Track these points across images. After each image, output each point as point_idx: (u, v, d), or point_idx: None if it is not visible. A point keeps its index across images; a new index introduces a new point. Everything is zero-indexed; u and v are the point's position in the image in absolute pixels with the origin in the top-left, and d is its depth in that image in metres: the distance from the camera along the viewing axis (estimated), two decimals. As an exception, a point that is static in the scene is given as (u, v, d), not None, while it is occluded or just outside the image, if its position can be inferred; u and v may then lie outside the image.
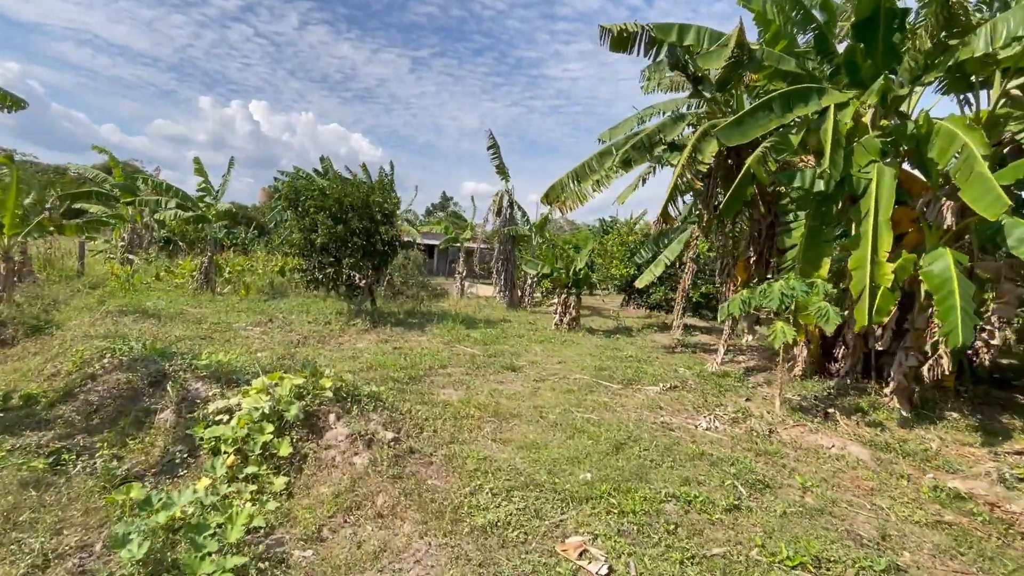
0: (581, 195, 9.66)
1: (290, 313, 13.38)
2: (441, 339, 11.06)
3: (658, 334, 14.11)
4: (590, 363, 9.38)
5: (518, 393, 7.14)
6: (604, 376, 8.34)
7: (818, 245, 7.01)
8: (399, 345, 10.18)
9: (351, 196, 11.42)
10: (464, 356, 9.41)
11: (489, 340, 11.09)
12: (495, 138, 16.08)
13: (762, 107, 6.32)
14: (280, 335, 10.49)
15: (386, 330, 11.69)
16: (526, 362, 9.27)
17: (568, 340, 11.95)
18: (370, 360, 8.52)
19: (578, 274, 12.86)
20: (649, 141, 8.02)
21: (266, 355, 8.54)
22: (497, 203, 17.23)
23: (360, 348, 9.70)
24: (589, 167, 9.26)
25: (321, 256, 11.36)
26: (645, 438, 5.41)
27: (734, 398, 7.36)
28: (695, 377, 8.64)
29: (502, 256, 17.77)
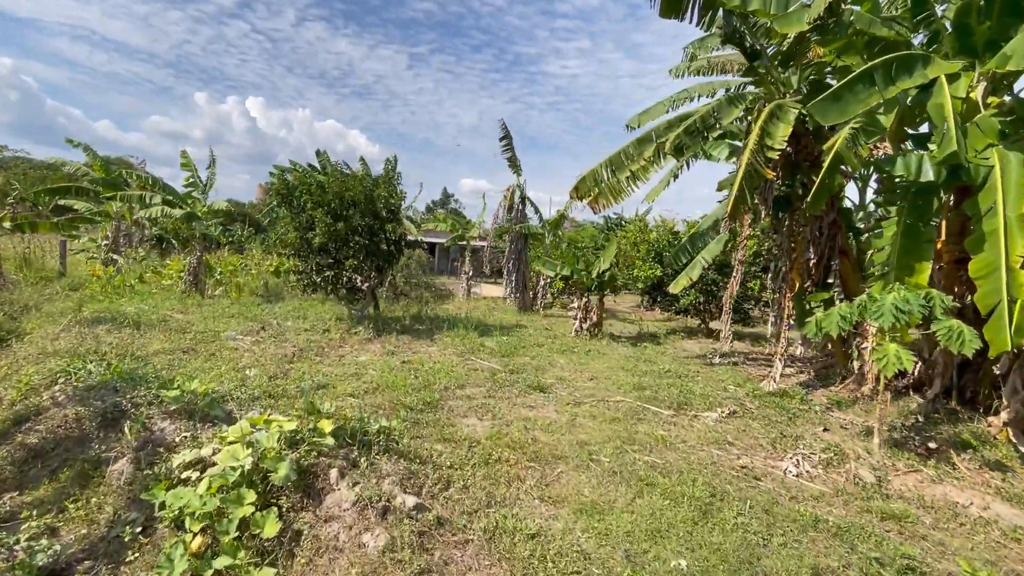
0: (616, 189, 8.48)
1: (285, 319, 12.20)
2: (454, 349, 9.90)
3: (687, 341, 12.97)
4: (625, 380, 8.23)
5: (554, 423, 5.99)
6: (647, 398, 7.19)
7: (916, 247, 5.87)
8: (407, 358, 9.02)
9: (353, 191, 10.23)
10: (482, 371, 8.25)
11: (507, 351, 9.94)
12: (508, 129, 14.89)
13: (862, 79, 5.17)
14: (273, 347, 9.32)
15: (391, 339, 10.53)
16: (553, 379, 8.12)
17: (593, 350, 10.80)
18: (376, 379, 7.36)
19: (602, 276, 11.70)
20: (704, 125, 6.87)
21: (255, 373, 7.39)
22: (509, 198, 16.04)
23: (364, 362, 8.53)
24: (626, 155, 8.08)
25: (319, 257, 10.19)
26: (732, 493, 4.26)
27: (810, 428, 6.23)
28: (751, 398, 7.50)
29: (513, 255, 16.60)
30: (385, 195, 10.50)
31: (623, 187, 8.78)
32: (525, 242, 16.67)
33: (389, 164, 11.10)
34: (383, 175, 10.91)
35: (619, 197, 8.89)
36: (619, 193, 8.84)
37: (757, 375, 9.29)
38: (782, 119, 6.39)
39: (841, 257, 8.10)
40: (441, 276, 34.50)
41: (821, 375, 9.27)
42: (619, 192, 8.83)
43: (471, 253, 21.29)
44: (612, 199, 8.90)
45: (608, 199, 8.89)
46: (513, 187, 16.21)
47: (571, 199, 8.55)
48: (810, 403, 7.30)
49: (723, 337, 8.37)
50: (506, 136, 14.98)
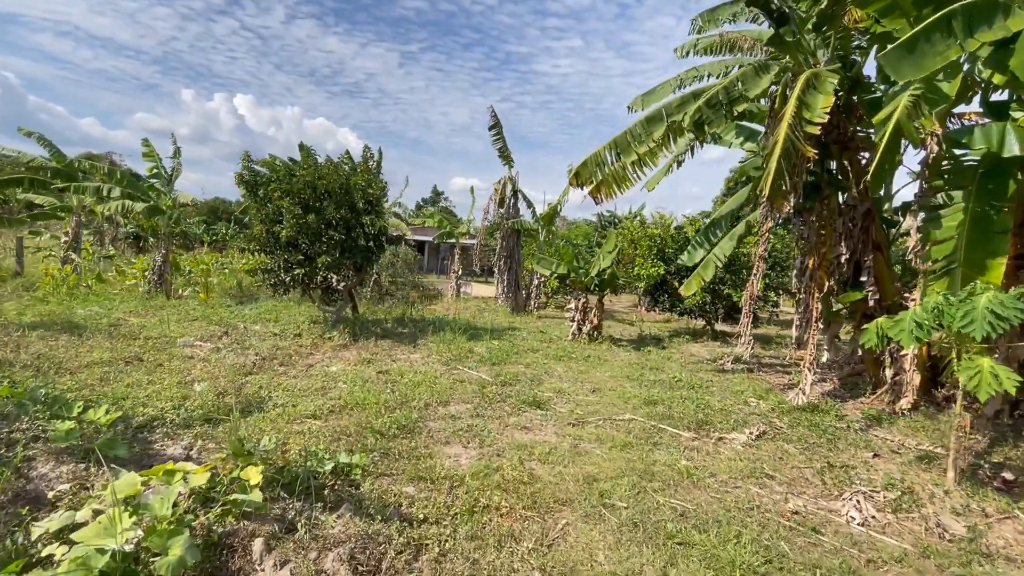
0: (620, 176, 7.48)
1: (254, 322, 11.10)
2: (439, 357, 8.86)
3: (693, 345, 12.03)
4: (633, 392, 7.24)
5: (554, 450, 4.98)
6: (661, 415, 6.20)
7: (987, 238, 4.95)
8: (386, 367, 7.97)
9: (326, 179, 9.15)
10: (470, 383, 7.22)
11: (498, 358, 8.91)
12: (498, 117, 13.84)
13: (939, 27, 4.21)
14: (233, 355, 8.23)
15: (369, 345, 9.46)
16: (551, 391, 7.11)
17: (593, 355, 9.81)
18: (345, 395, 6.31)
19: (602, 275, 10.71)
20: (727, 96, 5.90)
21: (202, 389, 6.30)
22: (500, 192, 15.00)
23: (334, 373, 7.47)
24: (633, 136, 7.08)
25: (287, 253, 9.09)
26: (791, 556, 3.27)
27: (856, 453, 5.27)
28: (778, 414, 6.54)
29: (505, 253, 15.57)
30: (363, 185, 9.42)
31: (628, 174, 7.79)
32: (518, 239, 15.65)
33: (368, 151, 10.03)
34: (361, 163, 9.84)
35: (623, 185, 7.90)
36: (623, 181, 7.85)
37: (777, 384, 8.35)
38: (820, 89, 5.43)
39: (875, 252, 7.17)
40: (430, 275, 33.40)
41: (847, 384, 8.35)
42: (623, 180, 7.84)
43: (461, 251, 20.24)
44: (615, 188, 7.91)
45: (611, 188, 7.90)
46: (504, 180, 15.16)
47: (570, 186, 7.54)
48: (847, 420, 6.35)
49: (743, 343, 7.42)
50: (496, 125, 13.95)
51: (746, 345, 7.41)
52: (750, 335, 7.39)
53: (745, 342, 7.41)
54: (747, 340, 7.39)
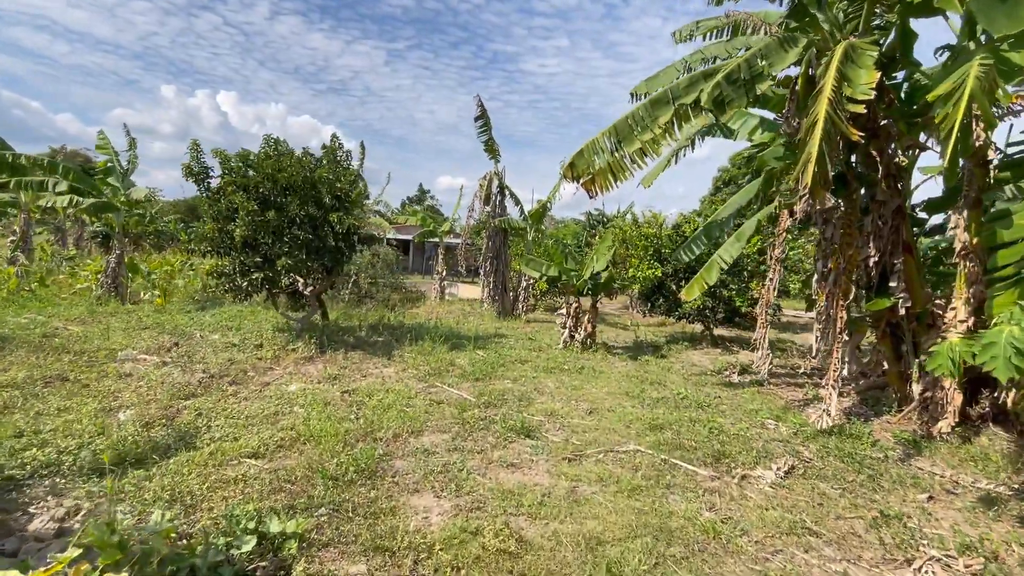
0: (620, 167, 6.59)
1: (214, 330, 10.03)
2: (415, 371, 7.90)
3: (693, 352, 11.21)
4: (635, 412, 6.36)
5: (548, 498, 4.07)
6: (670, 444, 5.32)
7: (1068, 239, 4.16)
8: (353, 385, 6.99)
9: (288, 171, 8.13)
10: (449, 405, 6.28)
11: (482, 371, 7.98)
12: (484, 107, 12.87)
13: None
14: (179, 371, 7.19)
15: (338, 357, 8.47)
16: (542, 414, 6.19)
17: (587, 367, 8.92)
18: (299, 424, 5.33)
19: (597, 278, 9.83)
20: (750, 72, 5.05)
21: (127, 418, 5.28)
22: (485, 188, 14.03)
23: (291, 394, 6.47)
24: (636, 121, 6.19)
25: (243, 255, 8.05)
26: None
27: (909, 495, 4.43)
28: (802, 439, 5.71)
29: (491, 253, 14.62)
30: (330, 178, 8.42)
31: (627, 164, 6.89)
32: (505, 238, 14.71)
33: (336, 141, 9.01)
34: (327, 153, 8.82)
35: (620, 177, 7.00)
36: (621, 172, 6.94)
37: (791, 399, 7.54)
38: (860, 63, 4.58)
39: (905, 255, 6.37)
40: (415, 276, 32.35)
41: (868, 399, 7.57)
42: (621, 171, 6.93)
43: (445, 251, 19.24)
44: (612, 180, 7.00)
45: (607, 180, 7.00)
46: (490, 175, 14.20)
47: (563, 179, 6.63)
48: (881, 447, 5.54)
49: (760, 357, 6.57)
50: (482, 116, 12.98)
51: (763, 359, 6.57)
52: (767, 349, 6.55)
53: (762, 356, 6.57)
54: (764, 354, 6.55)
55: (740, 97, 5.16)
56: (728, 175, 45.44)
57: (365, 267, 17.04)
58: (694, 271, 12.18)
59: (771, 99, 7.12)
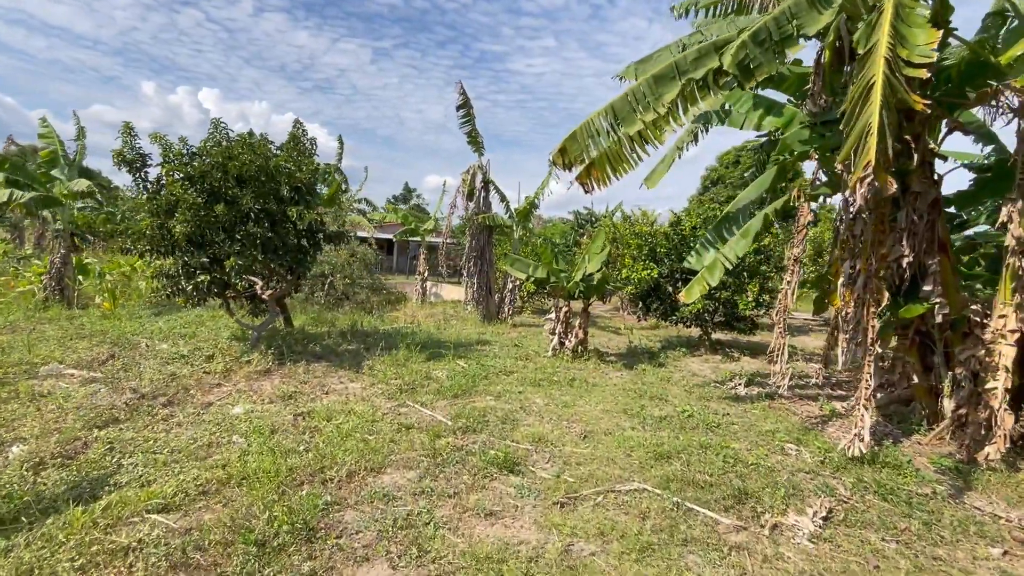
0: (618, 156, 5.73)
1: (164, 338, 8.97)
2: (385, 386, 6.96)
3: (691, 360, 10.41)
4: (635, 436, 5.50)
5: (535, 562, 3.18)
6: (680, 479, 4.47)
7: None
8: (310, 405, 6.03)
9: (239, 160, 7.14)
10: (420, 431, 5.36)
11: (462, 385, 7.06)
12: (467, 95, 11.92)
13: None
14: (107, 389, 6.19)
15: (299, 369, 7.50)
16: (529, 440, 5.30)
17: (579, 378, 8.05)
18: (234, 460, 4.38)
19: (589, 280, 8.97)
20: (779, 32, 4.23)
21: (18, 454, 4.29)
22: (468, 183, 13.09)
23: (235, 419, 5.50)
24: (636, 100, 5.32)
25: (187, 254, 7.04)
26: None
27: (977, 549, 3.62)
28: (832, 469, 4.90)
29: (475, 252, 13.69)
30: (289, 168, 7.43)
31: (626, 153, 6.04)
32: (489, 236, 13.78)
33: (299, 127, 8.02)
34: (287, 141, 7.83)
35: (619, 168, 6.15)
36: (620, 162, 6.09)
37: (807, 416, 6.75)
38: (911, 22, 3.77)
39: (940, 254, 5.62)
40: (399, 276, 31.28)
41: (891, 414, 6.80)
42: (619, 160, 6.08)
43: (427, 250, 18.27)
44: (610, 171, 6.15)
45: (604, 171, 6.14)
46: (474, 168, 13.26)
47: (554, 167, 5.74)
48: (923, 477, 4.75)
49: (778, 371, 5.75)
50: (464, 104, 12.03)
51: (782, 373, 5.74)
52: (785, 361, 5.72)
53: (781, 369, 5.75)
54: (783, 367, 5.73)
55: (769, 61, 4.32)
56: (716, 174, 45.13)
57: (342, 267, 16.01)
58: (692, 272, 11.42)
59: (786, 79, 6.31)
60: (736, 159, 44.81)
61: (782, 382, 5.72)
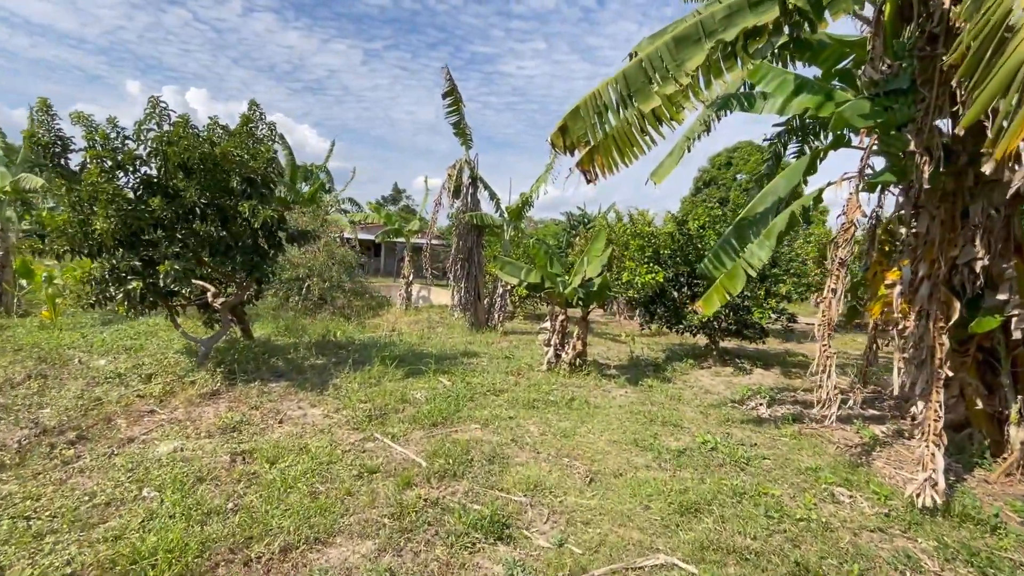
0: (626, 137, 4.74)
1: (104, 353, 7.85)
2: (351, 412, 5.88)
3: (701, 372, 9.44)
4: (652, 480, 4.48)
5: None
6: (719, 548, 3.46)
7: None
8: (254, 442, 4.95)
9: (180, 146, 6.04)
10: (386, 477, 4.30)
11: (442, 411, 6.01)
12: (454, 81, 10.85)
13: None
14: (5, 423, 5.06)
15: (252, 391, 6.41)
16: (522, 489, 4.26)
17: (578, 398, 7.03)
18: (133, 528, 3.30)
19: (589, 285, 7.95)
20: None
21: None
22: (455, 178, 12.03)
23: (157, 460, 4.41)
24: (653, 68, 4.34)
25: (115, 257, 5.94)
26: None
27: None
28: (903, 526, 3.92)
29: (462, 254, 12.63)
30: (238, 154, 6.35)
31: (636, 135, 5.05)
32: (478, 237, 12.73)
33: (256, 110, 6.93)
34: (239, 125, 6.74)
35: (627, 153, 5.16)
36: (628, 146, 5.11)
37: (843, 442, 5.79)
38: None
39: (1016, 257, 4.68)
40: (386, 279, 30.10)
41: (941, 443, 5.84)
42: (629, 145, 5.10)
43: (412, 252, 17.18)
44: (617, 156, 5.16)
45: (610, 156, 5.15)
46: (460, 163, 12.19)
47: (554, 149, 4.71)
48: (1021, 538, 3.78)
49: (823, 397, 4.74)
50: (451, 92, 10.96)
51: (831, 400, 4.75)
52: (834, 387, 4.73)
53: (829, 395, 4.75)
54: (830, 394, 4.74)
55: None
56: (708, 175, 44.50)
57: (319, 270, 14.88)
58: (697, 275, 10.46)
59: (825, 48, 5.35)
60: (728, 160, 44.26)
61: (828, 410, 4.74)
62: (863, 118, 4.10)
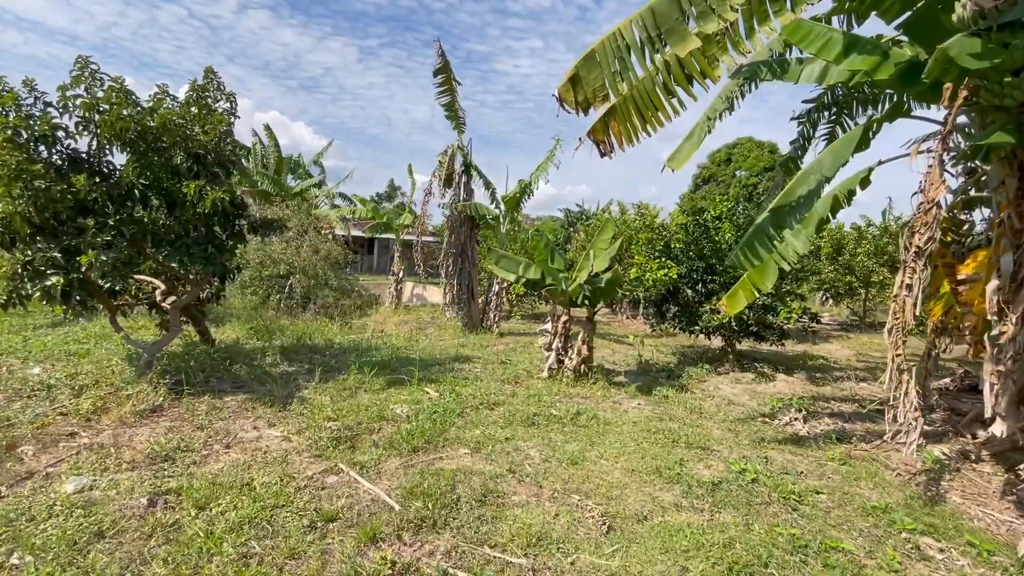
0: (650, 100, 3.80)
1: (43, 359, 6.84)
2: (315, 433, 4.89)
3: (718, 379, 8.49)
4: (687, 528, 3.53)
5: None
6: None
7: None
8: (189, 473, 3.96)
9: (113, 114, 5.04)
10: (345, 528, 3.33)
11: (426, 432, 5.02)
12: (446, 56, 9.80)
13: None
14: None
15: (202, 405, 5.43)
16: (520, 543, 3.29)
17: (585, 412, 6.07)
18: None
19: (596, 282, 6.99)
20: None
21: None
22: (446, 165, 11.02)
23: (50, 505, 3.41)
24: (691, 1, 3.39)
25: (33, 247, 4.94)
26: None
27: None
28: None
29: (454, 249, 11.64)
30: (181, 124, 5.34)
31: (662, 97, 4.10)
32: (472, 230, 11.73)
33: (211, 78, 5.91)
34: (187, 93, 5.73)
35: (650, 120, 4.24)
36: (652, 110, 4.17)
37: (901, 466, 4.85)
38: None
39: None
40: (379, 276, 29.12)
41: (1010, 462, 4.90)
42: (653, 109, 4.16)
43: (402, 247, 16.18)
44: (638, 122, 4.22)
45: (629, 122, 4.22)
46: (452, 149, 11.18)
47: (562, 104, 3.73)
48: None
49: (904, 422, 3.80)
50: (444, 69, 9.92)
51: (912, 424, 3.80)
52: (915, 408, 3.78)
53: (907, 419, 3.81)
54: (911, 416, 3.79)
55: None
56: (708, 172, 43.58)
57: (302, 267, 13.86)
58: (711, 270, 9.51)
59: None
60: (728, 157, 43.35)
61: (911, 438, 3.79)
62: (974, 58, 3.15)
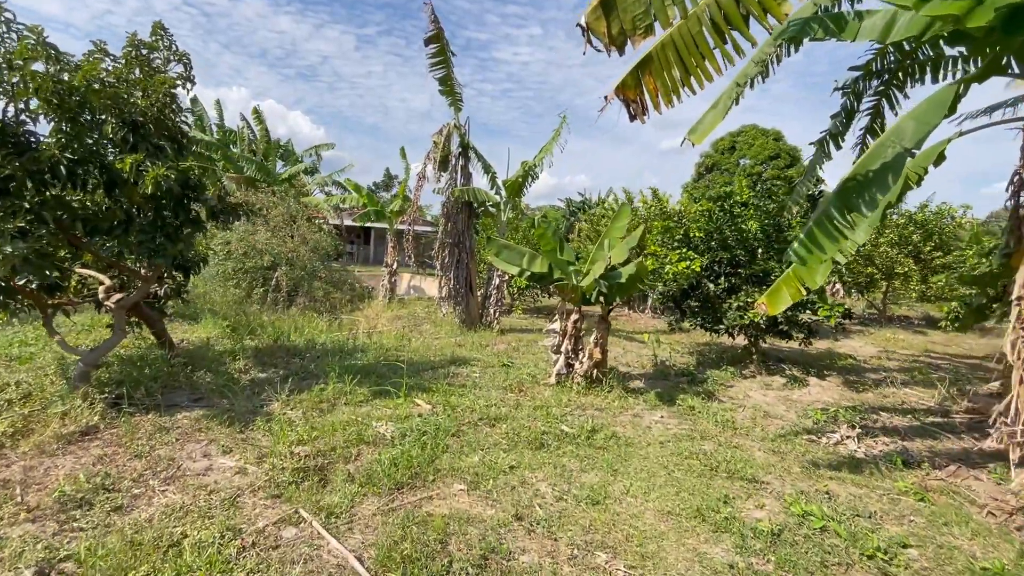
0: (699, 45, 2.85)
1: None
2: (277, 464, 3.98)
3: (746, 383, 7.60)
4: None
5: None
6: None
7: None
8: (106, 524, 3.06)
9: (27, 72, 4.08)
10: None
11: (411, 462, 4.12)
12: (439, 23, 8.74)
13: None
14: None
15: (147, 424, 4.52)
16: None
17: (602, 428, 5.18)
18: None
19: (615, 276, 6.06)
20: None
21: None
22: (441, 146, 10.01)
23: None
24: None
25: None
26: None
27: None
28: None
29: (451, 239, 10.68)
30: (113, 84, 4.39)
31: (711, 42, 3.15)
32: (470, 217, 10.76)
33: (159, 35, 4.94)
34: (125, 48, 4.75)
35: (696, 72, 3.28)
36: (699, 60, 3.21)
37: (991, 503, 3.97)
38: None
39: None
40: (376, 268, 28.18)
41: None
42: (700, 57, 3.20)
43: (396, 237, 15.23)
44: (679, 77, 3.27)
45: (669, 76, 3.27)
46: (448, 128, 10.17)
47: (588, 38, 2.79)
48: None
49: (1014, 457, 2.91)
50: (436, 37, 8.86)
51: None
52: None
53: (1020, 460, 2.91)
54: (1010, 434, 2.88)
55: None
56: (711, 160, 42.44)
57: (288, 259, 12.91)
58: (735, 262, 8.59)
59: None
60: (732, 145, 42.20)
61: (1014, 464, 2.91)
62: None
